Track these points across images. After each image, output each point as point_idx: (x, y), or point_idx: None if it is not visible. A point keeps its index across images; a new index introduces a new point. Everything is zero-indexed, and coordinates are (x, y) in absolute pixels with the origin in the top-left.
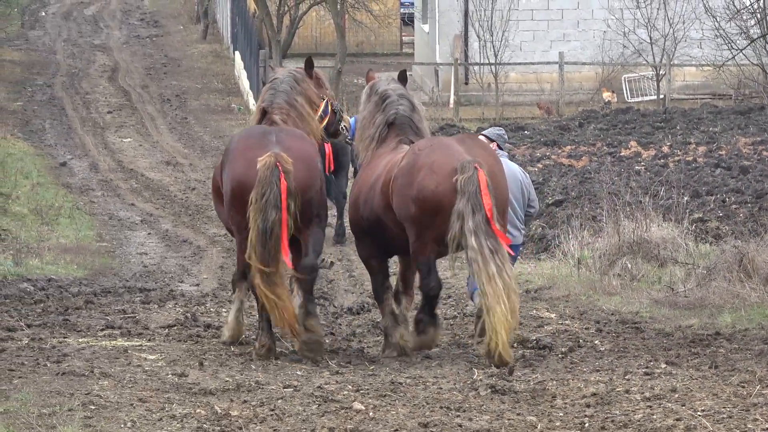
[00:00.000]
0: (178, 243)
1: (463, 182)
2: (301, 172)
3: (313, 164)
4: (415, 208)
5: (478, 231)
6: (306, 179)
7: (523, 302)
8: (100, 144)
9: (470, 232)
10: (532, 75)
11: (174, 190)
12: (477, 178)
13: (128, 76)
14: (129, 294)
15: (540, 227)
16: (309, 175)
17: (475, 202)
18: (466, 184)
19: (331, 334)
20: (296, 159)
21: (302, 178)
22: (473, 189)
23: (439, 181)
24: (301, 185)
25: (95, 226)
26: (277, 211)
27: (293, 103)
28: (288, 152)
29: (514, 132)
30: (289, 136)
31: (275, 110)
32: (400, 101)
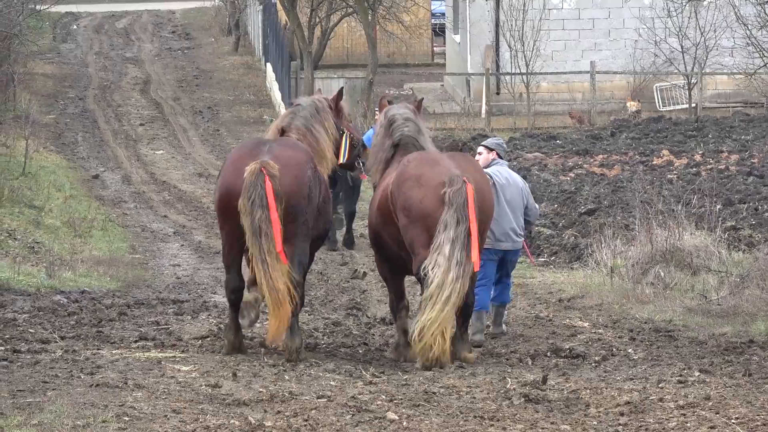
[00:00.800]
0: (210, 254)
1: (451, 194)
2: (287, 178)
3: (301, 172)
4: (405, 217)
5: (456, 241)
6: (292, 185)
7: (555, 311)
8: (132, 156)
9: (449, 240)
10: (563, 84)
11: (206, 201)
12: (465, 191)
13: (160, 89)
14: (162, 305)
15: (573, 236)
16: (295, 182)
17: (461, 214)
18: (455, 196)
19: (364, 345)
20: (283, 166)
21: (288, 184)
22: (461, 201)
23: (425, 192)
24: (287, 190)
25: (128, 238)
26: (263, 209)
27: (311, 128)
28: (276, 160)
29: (546, 141)
30: (281, 146)
31: (292, 130)
32: (405, 124)
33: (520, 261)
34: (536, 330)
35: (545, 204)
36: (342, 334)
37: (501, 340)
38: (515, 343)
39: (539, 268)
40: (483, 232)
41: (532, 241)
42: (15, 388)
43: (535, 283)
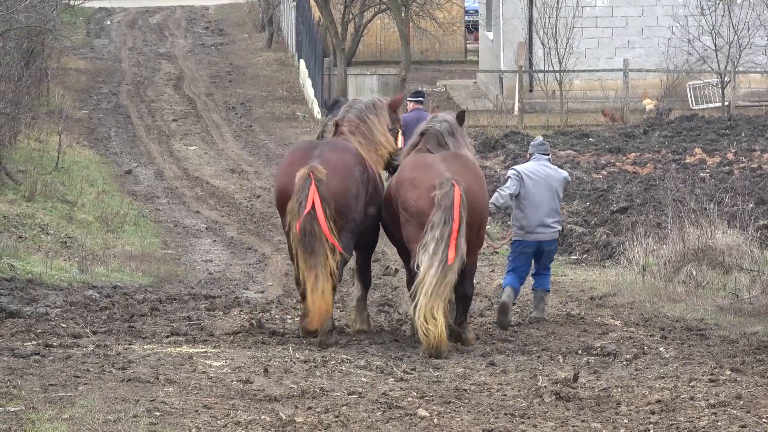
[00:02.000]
0: (243, 250)
1: (440, 197)
2: (334, 181)
3: (349, 174)
4: (401, 217)
5: (440, 240)
6: (338, 187)
7: (587, 309)
8: (165, 152)
9: (434, 239)
10: (596, 82)
11: (239, 197)
12: (452, 193)
13: (193, 84)
14: (194, 301)
15: (605, 234)
16: (342, 184)
17: (448, 215)
18: (443, 198)
19: (396, 342)
20: (332, 170)
21: (334, 186)
22: (448, 203)
23: (419, 195)
24: (334, 193)
25: (160, 234)
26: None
27: (364, 119)
28: (325, 164)
29: (578, 139)
30: (331, 150)
31: (345, 122)
32: (441, 123)
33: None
34: (568, 328)
35: (577, 202)
36: (374, 331)
37: (532, 337)
38: (546, 341)
39: (571, 266)
40: (477, 229)
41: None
42: (47, 383)
43: (566, 281)
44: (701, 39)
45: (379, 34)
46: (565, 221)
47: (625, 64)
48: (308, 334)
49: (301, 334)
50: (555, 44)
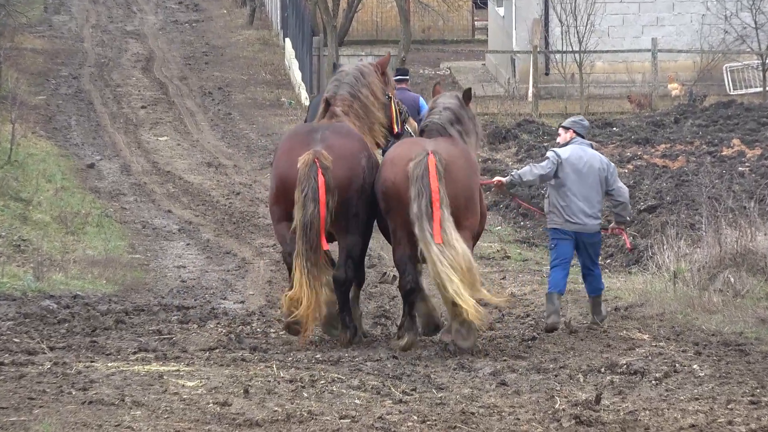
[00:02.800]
0: (220, 255)
1: (411, 168)
2: (340, 170)
3: (356, 162)
4: (382, 202)
5: (422, 215)
6: (345, 177)
7: (611, 321)
8: (132, 143)
9: (415, 216)
10: (621, 64)
11: (216, 195)
12: (425, 162)
13: (165, 67)
14: (165, 312)
15: (631, 236)
16: (349, 173)
17: (421, 186)
18: (414, 168)
19: (394, 358)
20: (337, 156)
21: (341, 176)
22: (420, 173)
23: (396, 172)
24: (340, 182)
25: (127, 236)
26: (315, 204)
27: (357, 95)
28: (329, 150)
29: (601, 129)
30: (335, 134)
31: (337, 101)
32: (442, 112)
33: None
34: (589, 342)
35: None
36: (368, 346)
37: (549, 353)
38: (565, 357)
39: None
40: (461, 211)
41: None
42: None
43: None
44: (740, 15)
45: (375, 9)
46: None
47: (653, 43)
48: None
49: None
50: (574, 21)
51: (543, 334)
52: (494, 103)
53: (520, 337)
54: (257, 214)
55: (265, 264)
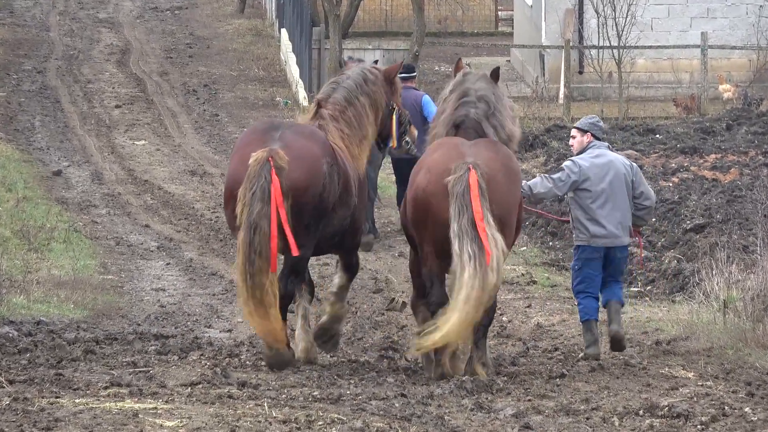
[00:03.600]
0: (205, 276)
1: (452, 183)
2: (296, 172)
3: (315, 165)
4: (410, 210)
5: (462, 234)
6: (301, 180)
7: (652, 356)
8: (105, 147)
9: (454, 235)
10: (665, 62)
11: (201, 207)
12: (467, 178)
13: (142, 60)
14: (141, 342)
15: (675, 260)
16: (306, 177)
17: (462, 204)
18: (455, 185)
19: (402, 396)
20: (295, 157)
21: (297, 179)
22: (460, 190)
23: (430, 180)
24: (296, 186)
25: (98, 254)
26: (263, 204)
27: (353, 101)
28: (286, 149)
29: (642, 136)
30: (295, 134)
31: (328, 104)
32: (477, 104)
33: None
34: (626, 381)
35: None
36: (374, 382)
37: (580, 392)
38: (598, 398)
39: (631, 300)
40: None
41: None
42: None
43: (625, 320)
44: None
45: None
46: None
47: (703, 38)
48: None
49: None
50: (613, 12)
51: (573, 371)
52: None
53: (547, 374)
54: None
55: None
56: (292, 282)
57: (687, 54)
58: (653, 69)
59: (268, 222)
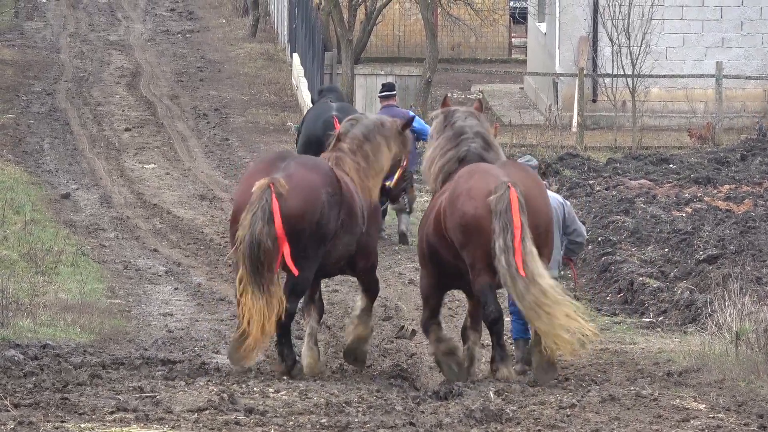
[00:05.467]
0: (213, 302)
1: (494, 202)
2: (294, 200)
3: (313, 195)
4: (461, 234)
5: (507, 250)
6: (298, 208)
7: (663, 388)
8: (114, 171)
9: (500, 250)
10: (680, 91)
11: (210, 232)
12: (508, 196)
13: (153, 84)
14: (148, 367)
15: (687, 290)
16: (303, 205)
17: (505, 221)
18: (497, 203)
19: (411, 425)
20: (294, 186)
21: (295, 207)
22: (503, 207)
23: (477, 206)
24: (292, 212)
25: (106, 278)
26: (264, 223)
27: (371, 138)
28: (288, 179)
29: (655, 165)
30: (299, 165)
31: (347, 138)
32: (474, 139)
33: (618, 321)
34: (637, 412)
35: (653, 247)
36: (382, 411)
37: (590, 423)
38: (608, 428)
39: (643, 331)
40: (542, 241)
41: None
42: None
43: (635, 351)
44: None
45: (397, 22)
46: (635, 273)
47: (718, 68)
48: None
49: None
50: (627, 41)
51: (584, 401)
52: (533, 133)
53: (557, 404)
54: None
55: None
56: (291, 302)
57: (702, 83)
58: (667, 98)
59: (271, 239)
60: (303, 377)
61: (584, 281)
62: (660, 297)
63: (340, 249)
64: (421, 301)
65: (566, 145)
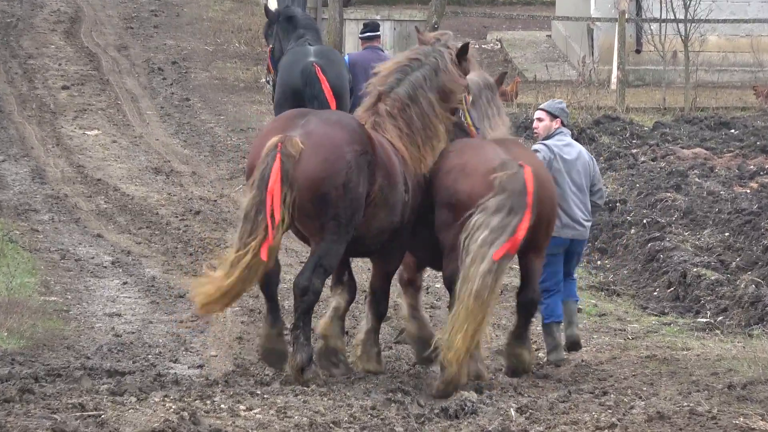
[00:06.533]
0: (171, 299)
1: (505, 179)
2: (313, 161)
3: (335, 154)
4: (446, 212)
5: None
6: (319, 169)
7: (724, 403)
8: (49, 138)
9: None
10: (743, 39)
11: (166, 213)
12: (522, 176)
13: (96, 31)
14: (91, 379)
15: (752, 283)
16: (324, 165)
17: (518, 203)
18: (509, 181)
19: None
20: (313, 145)
21: (313, 168)
22: (518, 187)
23: (474, 183)
24: (311, 176)
25: (39, 270)
26: (259, 192)
27: (418, 99)
28: (306, 136)
29: (713, 130)
30: (321, 121)
31: (389, 99)
32: None
33: (667, 322)
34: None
35: (709, 231)
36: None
37: None
38: None
39: (698, 334)
40: (547, 225)
41: (687, 290)
42: None
43: (690, 358)
44: None
45: None
46: (689, 262)
47: None
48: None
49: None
50: None
51: (626, 420)
52: (563, 92)
53: (593, 424)
54: (224, 241)
55: (233, 313)
56: (317, 276)
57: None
58: (728, 48)
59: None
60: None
61: (626, 272)
62: (719, 292)
63: (381, 220)
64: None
65: (604, 106)
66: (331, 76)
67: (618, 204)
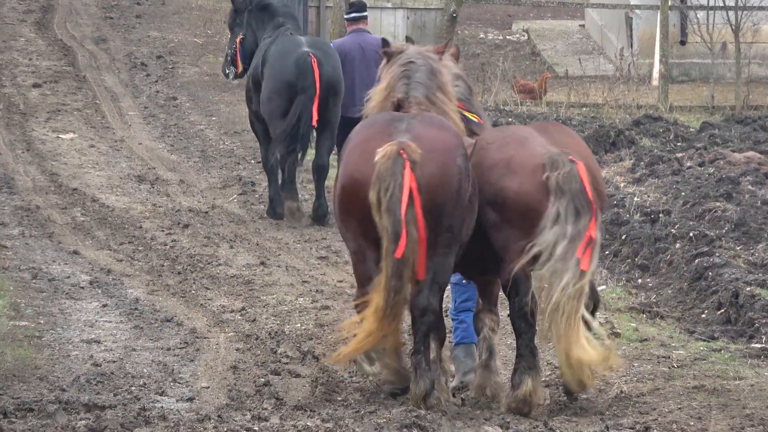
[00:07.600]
0: (156, 324)
1: (561, 179)
2: (430, 168)
3: (450, 159)
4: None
5: (577, 239)
6: (437, 177)
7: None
8: (18, 142)
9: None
10: None
11: (151, 227)
12: (577, 173)
13: (71, 22)
14: (66, 414)
15: None
16: (442, 172)
17: (582, 203)
18: (566, 181)
19: None
20: (428, 150)
21: (432, 175)
22: (577, 187)
23: (522, 181)
24: (430, 184)
25: (7, 292)
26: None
27: (433, 99)
28: (418, 141)
29: (767, 132)
30: (424, 123)
31: (412, 105)
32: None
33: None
34: None
35: (765, 245)
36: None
37: None
38: None
39: (752, 362)
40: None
41: (740, 311)
42: None
43: (743, 389)
44: None
45: None
46: (741, 281)
47: None
48: None
49: None
50: None
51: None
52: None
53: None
54: (217, 258)
55: (227, 339)
56: (434, 294)
57: None
58: None
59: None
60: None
61: (671, 292)
62: None
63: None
64: None
65: (644, 105)
66: (327, 69)
67: (661, 215)
